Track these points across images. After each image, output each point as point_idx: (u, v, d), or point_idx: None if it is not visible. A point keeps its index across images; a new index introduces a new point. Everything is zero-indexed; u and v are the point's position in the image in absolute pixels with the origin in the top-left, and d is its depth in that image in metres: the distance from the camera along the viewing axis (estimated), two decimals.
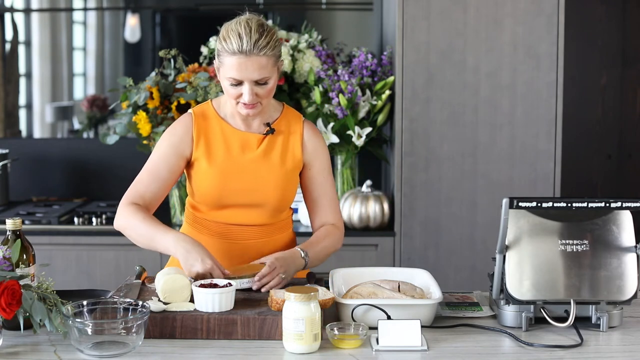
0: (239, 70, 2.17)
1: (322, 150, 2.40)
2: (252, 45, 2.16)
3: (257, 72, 2.18)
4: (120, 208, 2.28)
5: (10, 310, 1.85)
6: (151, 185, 2.29)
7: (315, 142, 2.39)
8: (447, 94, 3.46)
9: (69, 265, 3.52)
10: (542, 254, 2.03)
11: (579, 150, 4.24)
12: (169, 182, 2.32)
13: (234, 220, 2.34)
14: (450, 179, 3.49)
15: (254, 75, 2.18)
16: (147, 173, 2.31)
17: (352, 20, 4.26)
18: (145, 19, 4.29)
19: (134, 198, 2.28)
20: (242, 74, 2.18)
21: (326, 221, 2.42)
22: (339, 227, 2.43)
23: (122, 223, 2.27)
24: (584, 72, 4.22)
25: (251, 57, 2.16)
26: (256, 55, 2.17)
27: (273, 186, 2.32)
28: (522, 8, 3.43)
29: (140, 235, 2.24)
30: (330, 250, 2.38)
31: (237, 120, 2.35)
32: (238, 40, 2.16)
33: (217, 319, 1.95)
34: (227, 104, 2.34)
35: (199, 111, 2.36)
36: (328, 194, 2.41)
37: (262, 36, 2.18)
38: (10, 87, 4.30)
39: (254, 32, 2.17)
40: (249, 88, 2.19)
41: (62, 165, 4.10)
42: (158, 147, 2.33)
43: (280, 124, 2.37)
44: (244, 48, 2.16)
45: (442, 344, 1.94)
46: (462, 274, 3.50)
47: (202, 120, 2.34)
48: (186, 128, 2.33)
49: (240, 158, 2.32)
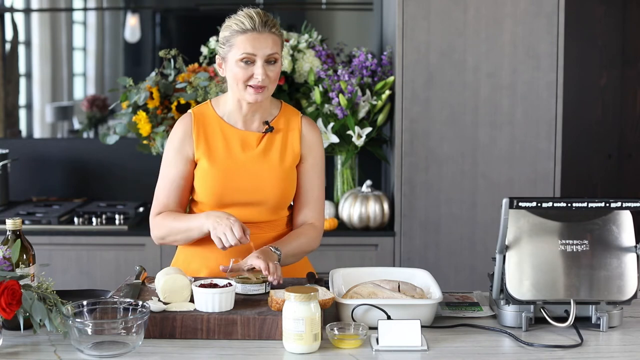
0: (253, 45, 2.26)
1: (318, 147, 2.43)
2: (264, 23, 2.28)
3: (269, 48, 2.27)
4: (151, 222, 2.38)
5: (10, 310, 1.85)
6: (171, 194, 2.37)
7: (313, 137, 2.42)
8: (447, 94, 3.46)
9: (69, 265, 3.52)
10: (542, 254, 2.03)
11: (579, 150, 4.24)
12: (187, 186, 2.38)
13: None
14: (450, 179, 3.49)
15: (266, 50, 2.26)
16: (163, 183, 2.38)
17: (352, 20, 4.26)
18: (145, 19, 4.29)
19: (159, 209, 2.38)
20: (255, 49, 2.26)
21: (307, 219, 2.43)
22: (318, 227, 2.44)
23: (158, 234, 2.37)
24: (584, 72, 4.22)
25: (263, 34, 2.27)
26: (267, 32, 2.28)
27: (273, 184, 2.34)
28: (522, 8, 3.43)
29: (179, 233, 2.33)
30: (304, 248, 2.39)
31: (237, 119, 2.37)
32: (249, 20, 2.28)
33: (217, 319, 1.95)
34: (227, 103, 2.37)
35: (198, 111, 2.39)
36: (315, 191, 2.43)
37: (269, 18, 2.31)
38: (10, 87, 4.30)
39: (262, 14, 2.30)
40: (261, 65, 2.26)
41: (62, 165, 4.10)
42: (165, 155, 2.39)
43: (279, 122, 2.39)
44: (257, 25, 2.27)
45: (442, 344, 1.94)
46: (462, 274, 3.50)
47: (201, 120, 2.36)
48: (186, 129, 2.36)
49: (240, 157, 2.34)
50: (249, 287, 2.12)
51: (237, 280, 2.13)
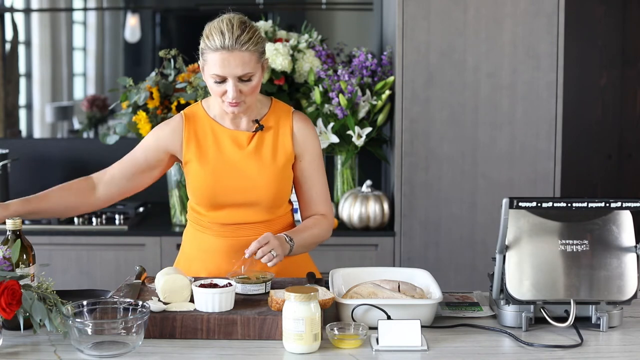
0: (222, 66, 2.20)
1: (313, 142, 2.40)
2: (234, 40, 2.18)
3: (240, 68, 2.20)
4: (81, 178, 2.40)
5: (10, 310, 1.85)
6: (119, 166, 2.38)
7: (305, 133, 2.38)
8: (447, 94, 3.46)
9: (69, 265, 3.52)
10: (542, 254, 2.03)
11: (579, 150, 4.24)
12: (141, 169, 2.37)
13: (232, 220, 2.35)
14: (450, 179, 3.49)
15: (237, 71, 2.20)
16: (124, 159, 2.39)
17: (352, 20, 4.26)
18: (145, 19, 4.29)
19: (98, 174, 2.39)
20: (225, 70, 2.20)
21: (316, 212, 2.43)
22: (329, 217, 2.44)
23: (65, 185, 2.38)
24: (584, 72, 4.22)
25: (233, 53, 2.19)
26: (238, 50, 2.19)
27: (266, 183, 2.33)
28: (522, 8, 3.43)
29: None
30: (317, 239, 2.38)
31: (227, 119, 2.36)
32: (220, 36, 2.19)
33: (217, 319, 1.95)
34: (216, 103, 2.36)
35: (190, 112, 2.39)
36: (318, 185, 2.42)
37: (243, 32, 2.20)
38: (10, 87, 4.30)
39: (235, 28, 2.20)
40: (233, 85, 2.21)
41: (62, 165, 4.10)
42: (143, 140, 2.40)
43: (269, 120, 2.37)
44: (226, 44, 2.18)
45: (442, 344, 1.94)
46: (462, 274, 3.50)
47: (192, 121, 2.36)
48: (175, 127, 2.36)
49: (232, 157, 2.33)
50: (249, 287, 2.12)
51: (237, 280, 2.13)
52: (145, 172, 2.38)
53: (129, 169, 2.38)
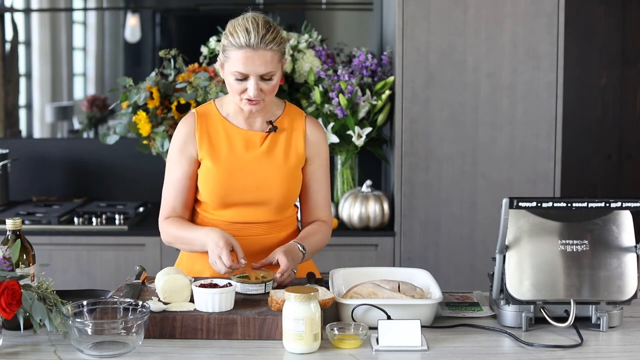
0: (245, 64, 2.21)
1: (324, 146, 2.44)
2: (260, 39, 2.20)
3: (263, 67, 2.21)
4: (160, 227, 2.40)
5: (10, 310, 1.85)
6: (177, 197, 2.38)
7: (318, 137, 2.42)
8: (447, 94, 3.46)
9: (69, 265, 3.52)
10: (542, 254, 2.03)
11: (579, 150, 4.24)
12: (192, 186, 2.38)
13: (239, 219, 2.35)
14: (450, 179, 3.49)
15: (260, 70, 2.21)
16: (169, 185, 2.39)
17: (352, 20, 4.26)
18: (145, 19, 4.29)
19: (167, 213, 2.39)
20: (248, 68, 2.21)
21: (318, 217, 2.45)
22: (329, 223, 2.47)
23: (166, 239, 2.41)
24: (584, 72, 4.22)
25: (258, 51, 2.20)
26: (263, 49, 2.20)
27: (277, 184, 2.34)
28: (522, 8, 3.43)
29: (183, 243, 2.37)
30: (320, 245, 2.42)
31: (240, 119, 2.36)
32: (245, 34, 2.20)
33: (217, 319, 1.95)
34: (230, 103, 2.37)
35: (202, 111, 2.38)
36: (323, 190, 2.45)
37: (268, 31, 2.22)
38: (10, 87, 4.30)
39: (261, 27, 2.21)
40: (254, 83, 2.22)
41: (62, 165, 4.10)
42: (169, 156, 2.39)
43: (283, 122, 2.38)
44: (252, 42, 2.19)
45: (442, 344, 1.94)
46: (462, 274, 3.50)
47: (204, 120, 2.36)
48: (189, 129, 2.36)
49: (244, 156, 2.34)
50: (249, 286, 2.12)
51: (237, 280, 2.13)
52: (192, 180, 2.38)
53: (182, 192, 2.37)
